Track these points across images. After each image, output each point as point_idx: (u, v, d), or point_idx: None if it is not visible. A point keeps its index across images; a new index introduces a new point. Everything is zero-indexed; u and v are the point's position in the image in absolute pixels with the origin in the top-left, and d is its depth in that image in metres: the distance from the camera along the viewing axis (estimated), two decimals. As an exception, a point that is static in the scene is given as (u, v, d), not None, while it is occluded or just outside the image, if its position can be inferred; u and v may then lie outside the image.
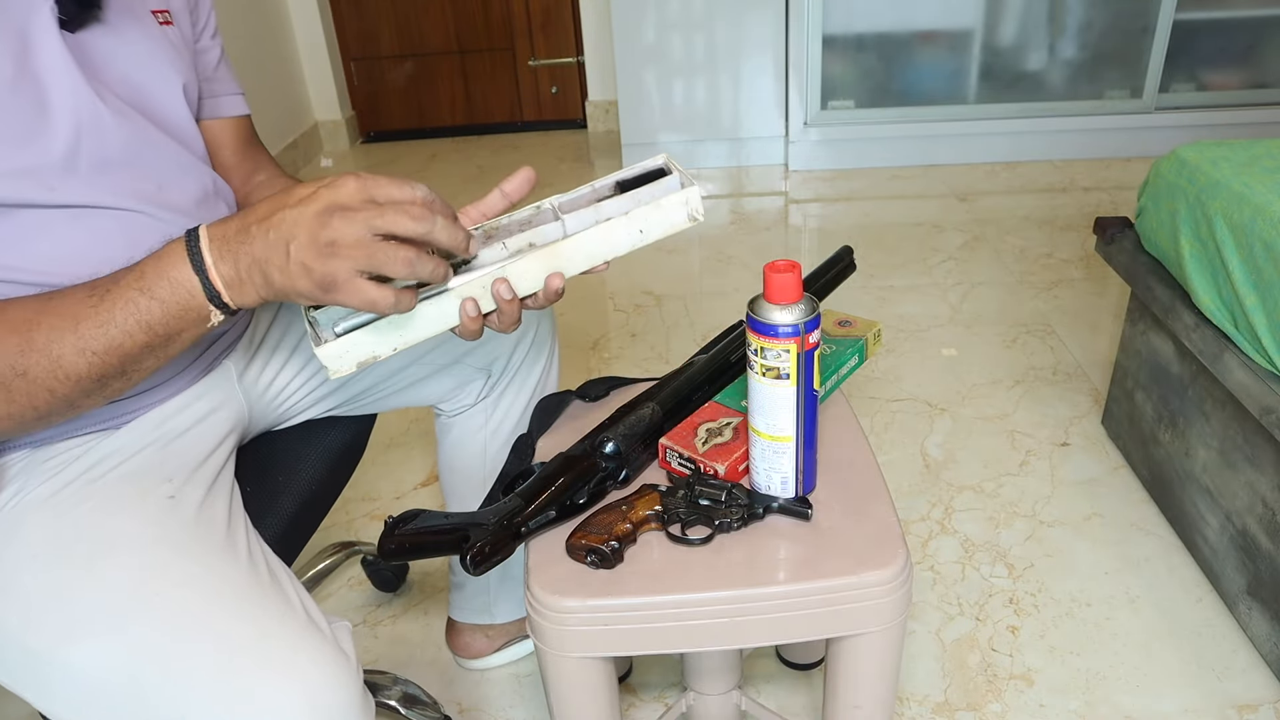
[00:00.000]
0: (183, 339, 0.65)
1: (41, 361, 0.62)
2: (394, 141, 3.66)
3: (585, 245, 0.70)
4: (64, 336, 0.62)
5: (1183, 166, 1.29)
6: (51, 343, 0.62)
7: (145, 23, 0.78)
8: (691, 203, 0.71)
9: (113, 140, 0.72)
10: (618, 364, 1.98)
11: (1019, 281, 2.24)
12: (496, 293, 0.69)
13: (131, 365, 0.64)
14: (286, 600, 0.69)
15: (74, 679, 0.66)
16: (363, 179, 0.61)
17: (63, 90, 0.69)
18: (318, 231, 0.59)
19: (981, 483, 1.56)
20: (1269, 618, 1.17)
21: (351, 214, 0.60)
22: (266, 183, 0.93)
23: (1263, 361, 1.13)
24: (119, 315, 0.62)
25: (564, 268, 0.70)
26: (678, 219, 0.71)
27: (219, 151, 0.92)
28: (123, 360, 0.64)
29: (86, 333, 0.62)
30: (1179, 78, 2.91)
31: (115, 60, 0.74)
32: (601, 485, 0.81)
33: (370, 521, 1.56)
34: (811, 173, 3.03)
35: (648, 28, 2.92)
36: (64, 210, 0.70)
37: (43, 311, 0.62)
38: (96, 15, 0.73)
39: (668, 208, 0.70)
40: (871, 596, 0.73)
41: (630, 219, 0.70)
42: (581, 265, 0.71)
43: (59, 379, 0.62)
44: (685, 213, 0.71)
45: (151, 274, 0.62)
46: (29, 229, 0.69)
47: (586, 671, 0.78)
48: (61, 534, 0.69)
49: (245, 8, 2.98)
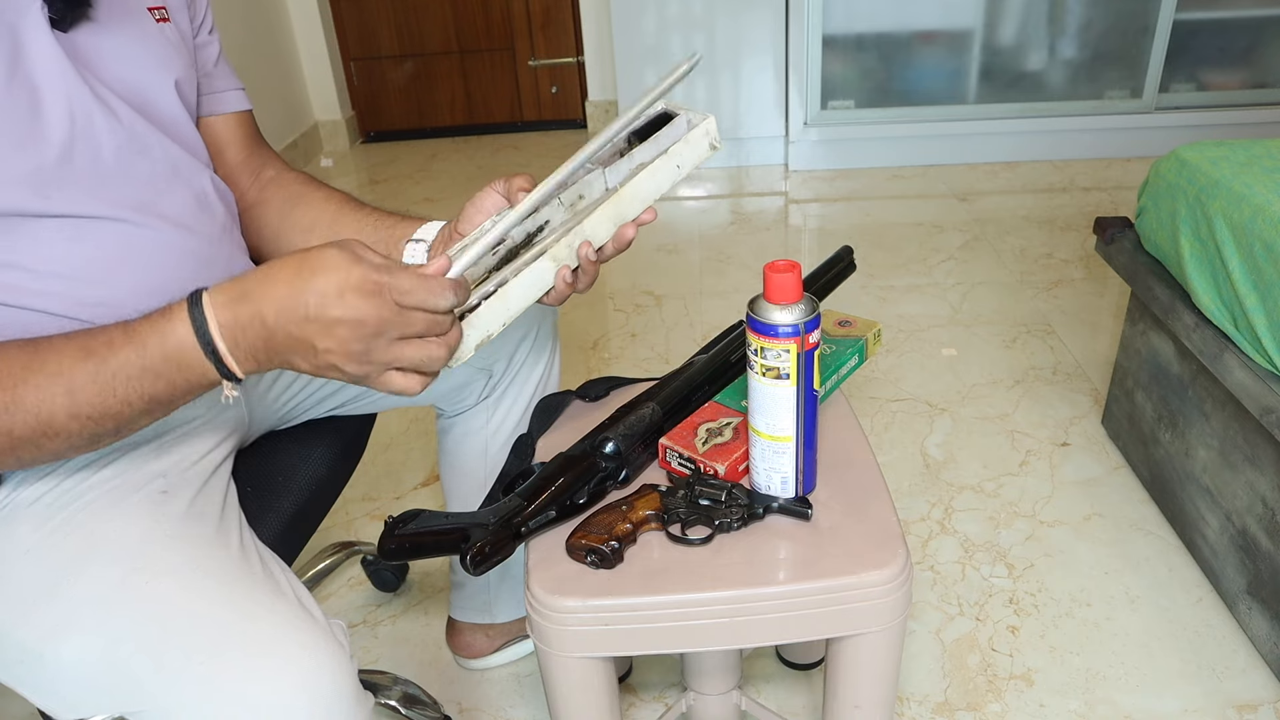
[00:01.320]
0: (185, 402, 0.65)
1: (29, 421, 0.60)
2: (394, 141, 3.66)
3: (638, 190, 0.75)
4: (55, 399, 0.60)
5: (1183, 166, 1.29)
6: (41, 404, 0.60)
7: (141, 20, 0.77)
8: (711, 132, 0.77)
9: (107, 141, 0.71)
10: (618, 364, 1.98)
11: (1019, 281, 2.24)
12: (582, 255, 0.73)
13: (128, 426, 0.64)
14: (278, 589, 0.69)
15: (66, 673, 0.66)
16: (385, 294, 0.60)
17: (56, 90, 0.67)
18: (351, 345, 0.60)
19: (981, 483, 1.56)
20: (1269, 618, 1.17)
21: (381, 333, 0.61)
22: (276, 179, 0.92)
23: (1263, 361, 1.13)
24: (120, 389, 0.61)
25: (625, 214, 0.75)
26: (702, 150, 0.77)
27: (225, 149, 0.91)
28: (118, 423, 0.63)
29: (82, 401, 0.60)
30: (1179, 78, 2.91)
31: (109, 59, 0.73)
32: (601, 485, 0.81)
33: (370, 521, 1.56)
34: (811, 173, 3.03)
35: (648, 28, 2.93)
36: (58, 220, 0.68)
37: (30, 369, 0.60)
38: (87, 14, 0.71)
39: (694, 141, 0.76)
40: (871, 596, 0.73)
41: (669, 156, 0.76)
42: (638, 210, 0.76)
43: (48, 436, 0.61)
44: (707, 142, 0.77)
45: (156, 352, 0.61)
46: (22, 239, 0.67)
47: (586, 671, 0.78)
48: (53, 530, 0.70)
49: (245, 8, 2.98)
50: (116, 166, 0.72)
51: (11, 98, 0.65)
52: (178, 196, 0.77)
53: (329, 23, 3.43)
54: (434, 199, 3.03)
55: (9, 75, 0.65)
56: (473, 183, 3.16)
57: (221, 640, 0.64)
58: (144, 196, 0.74)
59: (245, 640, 0.64)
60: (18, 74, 0.66)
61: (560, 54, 3.52)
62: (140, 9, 0.77)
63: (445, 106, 3.63)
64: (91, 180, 0.70)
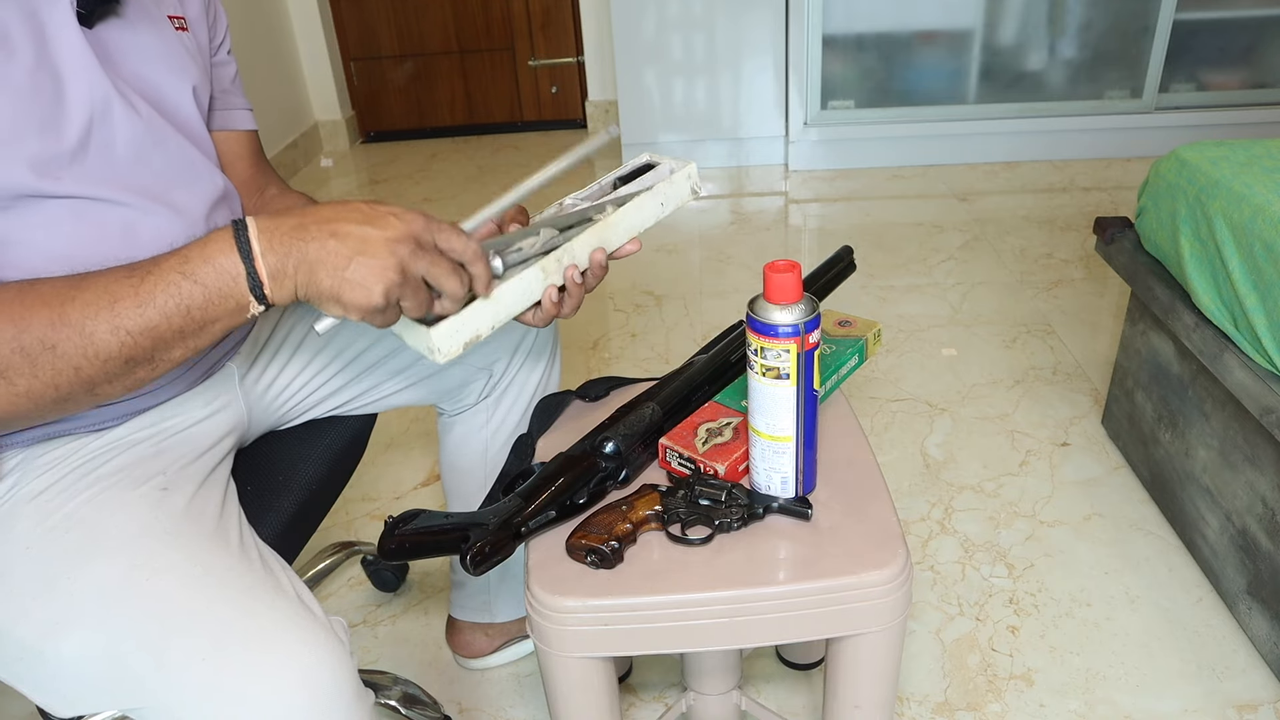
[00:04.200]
0: (216, 328, 0.65)
1: (73, 337, 0.61)
2: (394, 141, 3.67)
3: (624, 220, 0.80)
4: (99, 313, 0.61)
5: (1183, 166, 1.29)
6: (86, 319, 0.61)
7: (161, 25, 0.79)
8: (693, 177, 0.84)
9: (124, 132, 0.73)
10: (618, 364, 1.98)
11: (1019, 281, 2.24)
12: (568, 276, 0.77)
13: (162, 351, 0.64)
14: (278, 585, 0.69)
15: (67, 670, 0.66)
16: (430, 221, 0.66)
17: (79, 81, 0.69)
18: (387, 257, 0.63)
19: (981, 483, 1.56)
20: (1269, 618, 1.17)
21: (421, 253, 0.64)
22: (278, 195, 0.95)
23: (1263, 361, 1.13)
24: (159, 297, 0.62)
25: (610, 241, 0.80)
26: (684, 191, 0.84)
27: (234, 163, 0.94)
28: (155, 343, 0.63)
29: (123, 311, 0.61)
30: (1179, 78, 2.91)
31: (130, 55, 0.75)
32: (601, 485, 0.81)
33: (370, 521, 1.56)
34: (811, 173, 3.03)
35: (648, 27, 2.93)
36: (66, 201, 0.70)
37: (78, 287, 0.62)
38: (114, 9, 0.74)
39: (677, 182, 0.83)
40: (871, 596, 0.73)
41: (654, 193, 0.81)
42: (622, 239, 0.81)
43: (88, 357, 0.61)
44: (689, 185, 0.84)
45: (196, 257, 0.62)
46: (31, 219, 0.69)
47: (586, 671, 0.78)
48: (53, 527, 0.70)
49: (245, 8, 2.98)
50: (130, 156, 0.73)
51: (37, 85, 0.67)
52: (189, 191, 0.79)
53: (329, 23, 3.43)
54: (434, 199, 3.03)
55: (36, 63, 0.67)
56: (473, 183, 3.16)
57: (222, 637, 0.64)
58: (155, 187, 0.75)
59: (246, 637, 0.64)
60: (44, 63, 0.68)
61: (560, 54, 3.52)
62: (161, 15, 0.80)
63: (445, 106, 3.63)
64: (103, 167, 0.72)
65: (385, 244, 0.63)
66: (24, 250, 0.69)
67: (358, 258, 0.62)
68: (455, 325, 0.71)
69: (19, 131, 0.66)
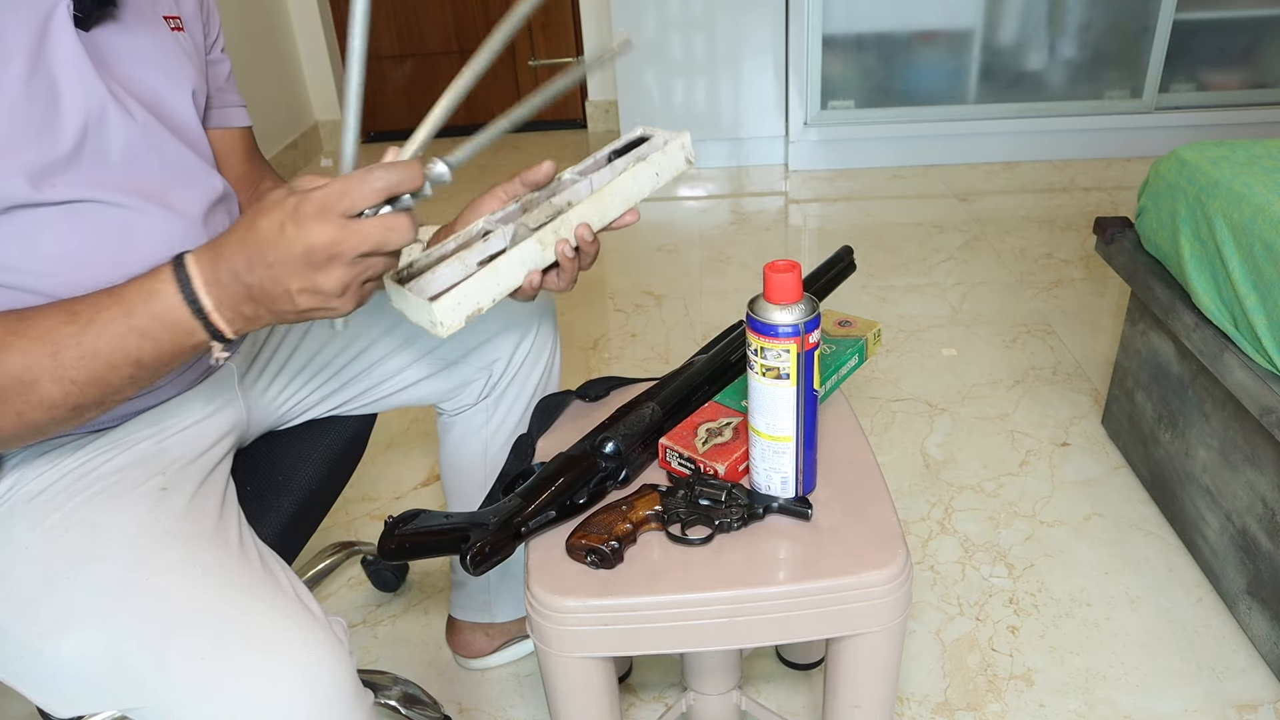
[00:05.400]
0: (174, 368, 0.64)
1: (12, 385, 0.60)
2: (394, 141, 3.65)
3: (620, 190, 0.80)
4: (40, 362, 0.59)
5: (1183, 166, 1.29)
6: (26, 368, 0.59)
7: (156, 26, 0.79)
8: (686, 146, 0.84)
9: (119, 137, 0.72)
10: (618, 364, 1.98)
11: (1019, 281, 2.24)
12: (560, 251, 0.76)
13: (112, 396, 0.63)
14: (277, 585, 0.69)
15: (67, 669, 0.66)
16: (345, 228, 0.60)
17: (74, 86, 0.69)
18: (312, 275, 0.59)
19: (981, 483, 1.56)
20: (1269, 618, 1.17)
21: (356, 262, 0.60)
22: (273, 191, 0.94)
23: (1263, 361, 1.13)
24: (105, 350, 0.60)
25: (607, 211, 0.80)
26: (679, 160, 0.84)
27: (228, 160, 0.93)
28: (103, 392, 0.62)
29: (66, 362, 0.60)
30: (1179, 78, 2.91)
31: (127, 59, 0.74)
32: (601, 485, 0.81)
33: (370, 521, 1.56)
34: (811, 173, 3.03)
35: (648, 27, 2.92)
36: (61, 207, 0.69)
37: (15, 332, 0.60)
38: (111, 13, 0.73)
39: (671, 152, 0.83)
40: (871, 596, 0.73)
41: (649, 163, 0.81)
42: (619, 209, 0.81)
43: (30, 404, 0.60)
44: (683, 155, 0.84)
45: (142, 312, 0.60)
46: (26, 224, 0.68)
47: (586, 671, 0.78)
48: (53, 527, 0.70)
49: (245, 7, 2.98)
50: (125, 161, 0.73)
51: (32, 92, 0.66)
52: (187, 194, 0.78)
53: (329, 23, 3.43)
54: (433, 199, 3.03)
55: (31, 69, 0.66)
56: (473, 182, 3.15)
57: (222, 636, 0.64)
58: (151, 189, 0.75)
59: (246, 636, 0.65)
60: (40, 69, 0.67)
61: (560, 54, 3.52)
62: (157, 17, 0.79)
63: (445, 106, 3.63)
64: (97, 172, 0.71)
65: (302, 266, 0.59)
66: (17, 253, 0.68)
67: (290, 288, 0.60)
68: (457, 298, 0.71)
69: (15, 141, 0.65)
